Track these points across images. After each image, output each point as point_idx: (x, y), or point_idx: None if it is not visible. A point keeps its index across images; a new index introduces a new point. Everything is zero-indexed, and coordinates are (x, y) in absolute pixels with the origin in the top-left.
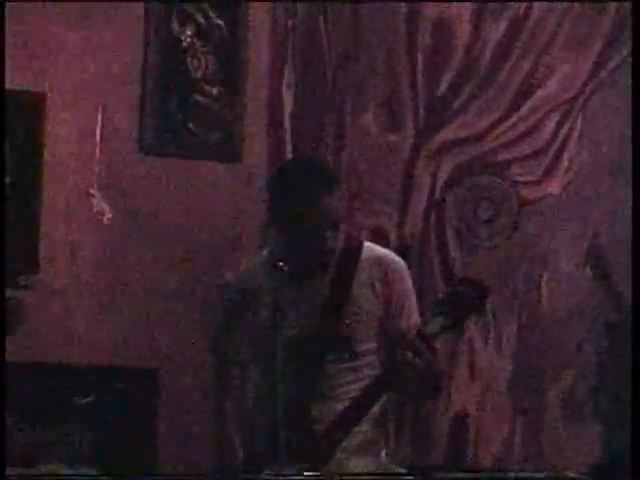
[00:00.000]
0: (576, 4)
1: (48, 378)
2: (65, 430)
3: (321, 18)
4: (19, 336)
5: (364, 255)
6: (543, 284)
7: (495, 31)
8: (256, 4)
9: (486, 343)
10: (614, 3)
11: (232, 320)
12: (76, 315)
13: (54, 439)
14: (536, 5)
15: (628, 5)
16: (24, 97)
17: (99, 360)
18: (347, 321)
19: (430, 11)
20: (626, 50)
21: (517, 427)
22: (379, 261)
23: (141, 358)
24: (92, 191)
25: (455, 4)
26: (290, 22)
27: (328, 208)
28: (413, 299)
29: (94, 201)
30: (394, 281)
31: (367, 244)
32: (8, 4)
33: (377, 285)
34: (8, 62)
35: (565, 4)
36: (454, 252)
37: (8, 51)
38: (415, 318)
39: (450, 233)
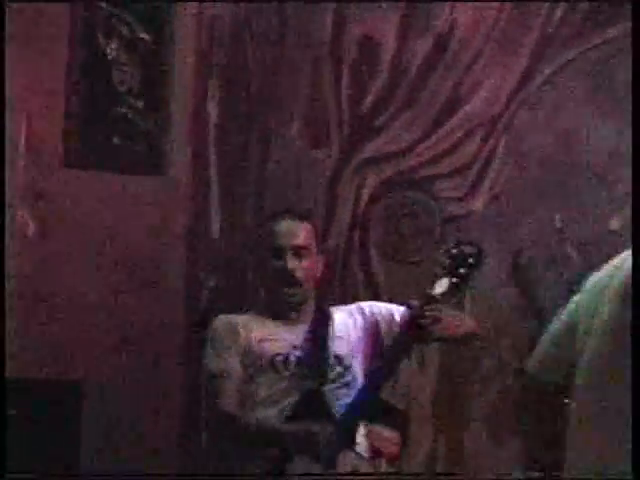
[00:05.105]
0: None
1: None
2: None
3: (246, 31)
4: None
5: None
6: (466, 301)
7: (420, 47)
8: (181, 18)
9: (409, 359)
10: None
11: None
12: None
13: None
14: (461, 21)
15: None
16: None
17: (22, 373)
18: None
19: (356, 26)
20: (550, 69)
21: (439, 444)
22: None
23: (64, 370)
24: (15, 204)
25: (380, 20)
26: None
27: None
28: None
29: (17, 214)
30: None
31: None
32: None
33: None
34: None
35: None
36: (377, 268)
37: None
38: None
39: (373, 249)
